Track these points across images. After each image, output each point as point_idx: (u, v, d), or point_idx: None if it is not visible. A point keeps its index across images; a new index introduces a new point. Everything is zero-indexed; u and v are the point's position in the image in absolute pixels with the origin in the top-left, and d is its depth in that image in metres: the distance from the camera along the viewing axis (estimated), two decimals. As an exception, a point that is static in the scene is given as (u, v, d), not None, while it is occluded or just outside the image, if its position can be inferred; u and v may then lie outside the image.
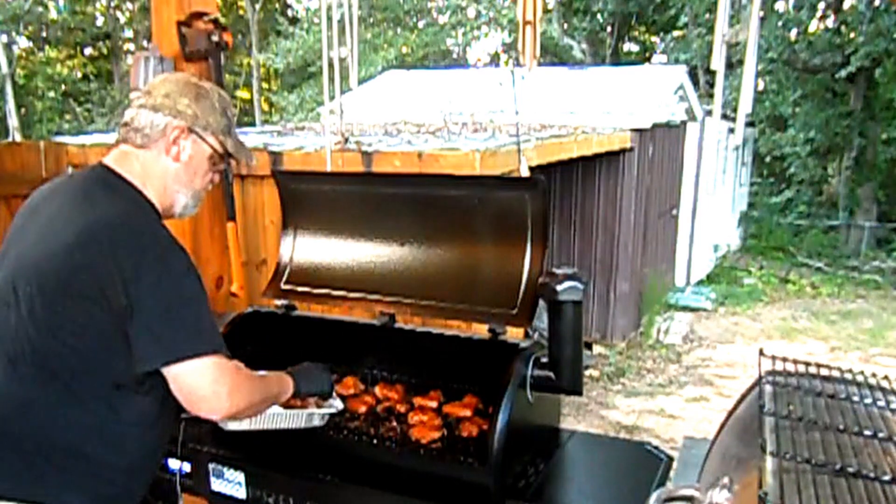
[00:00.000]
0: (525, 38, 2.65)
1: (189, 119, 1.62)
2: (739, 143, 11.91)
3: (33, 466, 1.48)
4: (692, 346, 7.70)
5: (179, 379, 1.47)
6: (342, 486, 1.95)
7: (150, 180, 1.61)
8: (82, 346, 1.46)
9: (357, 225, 2.39)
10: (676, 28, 16.56)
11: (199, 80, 1.71)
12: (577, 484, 2.13)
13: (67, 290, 1.45)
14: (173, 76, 1.71)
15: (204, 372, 1.47)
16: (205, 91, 1.66)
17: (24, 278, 1.48)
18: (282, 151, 3.61)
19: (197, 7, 2.90)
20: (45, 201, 1.61)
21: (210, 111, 1.65)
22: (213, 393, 1.48)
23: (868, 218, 13.79)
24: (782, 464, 1.23)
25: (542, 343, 2.03)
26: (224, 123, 1.68)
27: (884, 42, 12.15)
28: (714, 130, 9.74)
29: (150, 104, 1.61)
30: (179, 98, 1.61)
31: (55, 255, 1.46)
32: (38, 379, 1.47)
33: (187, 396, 1.49)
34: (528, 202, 2.03)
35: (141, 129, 1.60)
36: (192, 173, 1.66)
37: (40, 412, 1.47)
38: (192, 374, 1.46)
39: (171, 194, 1.64)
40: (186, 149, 1.63)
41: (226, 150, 1.69)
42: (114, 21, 20.36)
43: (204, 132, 1.64)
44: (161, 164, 1.62)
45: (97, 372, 1.48)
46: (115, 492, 1.56)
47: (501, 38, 19.73)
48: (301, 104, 16.61)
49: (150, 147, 1.61)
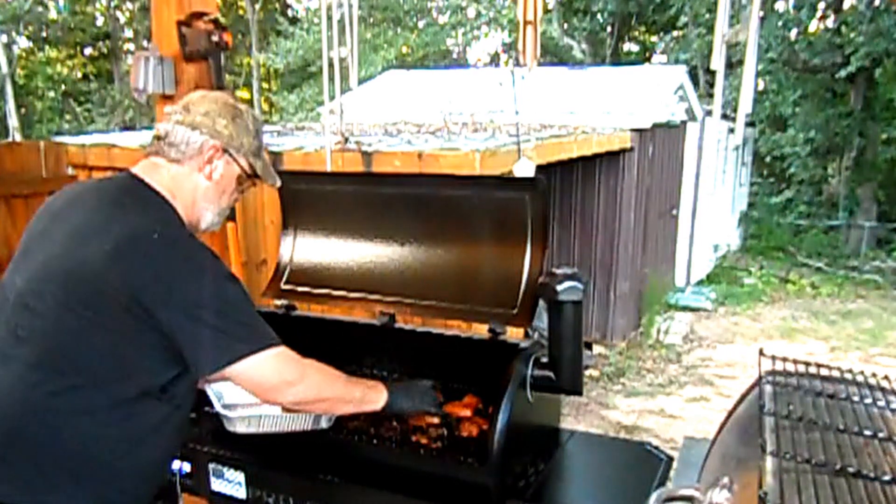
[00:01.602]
0: (526, 38, 2.65)
1: (225, 139, 1.64)
2: (739, 143, 11.92)
3: (46, 474, 1.46)
4: (692, 346, 7.70)
5: (245, 375, 1.52)
6: (342, 486, 1.95)
7: (180, 194, 1.61)
8: (117, 353, 1.46)
9: (357, 225, 2.39)
10: (676, 28, 16.56)
11: (236, 100, 1.73)
12: (577, 484, 2.13)
13: (101, 300, 1.44)
14: (212, 94, 1.73)
15: (266, 365, 1.52)
16: (241, 113, 1.69)
17: (54, 284, 1.47)
18: (282, 151, 3.61)
19: (197, 7, 2.90)
20: (70, 207, 1.59)
21: (245, 133, 1.67)
22: (282, 381, 1.56)
23: (868, 218, 13.79)
24: (782, 464, 1.23)
25: (542, 343, 2.03)
26: (256, 146, 1.71)
27: (884, 42, 12.15)
28: (714, 130, 9.75)
29: (189, 122, 1.62)
30: (218, 118, 1.64)
31: (89, 263, 1.45)
32: (61, 386, 1.45)
33: (257, 389, 1.56)
34: (528, 202, 2.03)
35: (177, 144, 1.61)
36: (221, 192, 1.68)
37: (60, 420, 1.46)
38: (256, 369, 1.51)
39: (199, 210, 1.65)
40: (219, 168, 1.65)
41: (254, 172, 1.71)
42: (114, 21, 20.37)
43: (237, 153, 1.66)
44: (192, 181, 1.63)
45: (127, 380, 1.48)
46: (125, 500, 1.56)
47: (501, 38, 19.75)
48: (301, 104, 16.62)
49: (184, 163, 1.62)
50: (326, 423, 1.90)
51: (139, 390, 1.50)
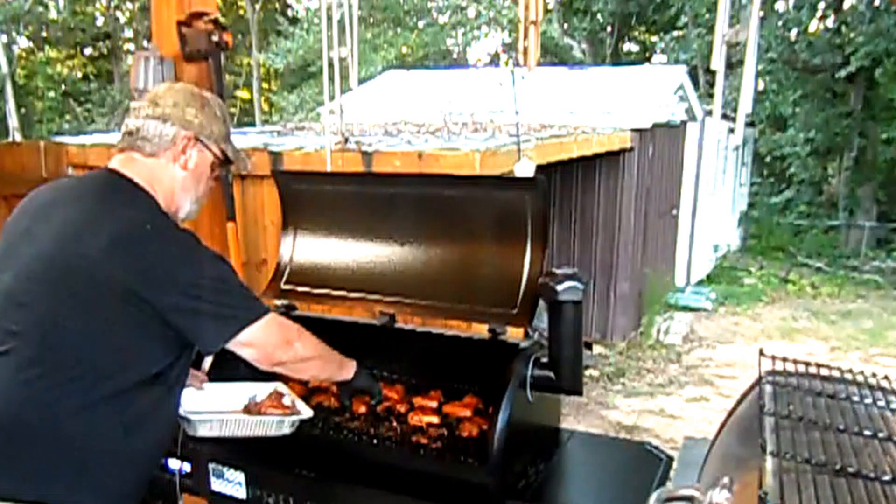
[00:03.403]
0: (529, 38, 2.65)
1: (196, 128, 1.69)
2: (739, 143, 11.91)
3: (46, 467, 1.47)
4: (692, 346, 7.70)
5: (250, 342, 1.60)
6: (342, 486, 1.95)
7: (159, 186, 1.65)
8: (115, 345, 1.50)
9: (357, 225, 2.39)
10: (676, 28, 16.54)
11: (198, 88, 1.78)
12: (577, 484, 2.13)
13: (99, 293, 1.48)
14: (176, 85, 1.80)
15: (267, 328, 1.62)
16: (207, 101, 1.74)
17: (48, 280, 1.49)
18: (282, 151, 3.61)
19: (197, 7, 2.90)
20: (52, 205, 1.61)
21: (214, 120, 1.73)
22: (283, 339, 1.67)
23: (868, 218, 13.79)
24: (782, 464, 1.23)
25: (542, 343, 2.03)
26: (224, 131, 1.76)
27: (884, 42, 12.15)
28: (714, 130, 9.74)
29: (160, 115, 1.66)
30: (187, 108, 1.68)
31: (85, 258, 1.48)
32: (59, 379, 1.47)
33: (262, 351, 1.63)
34: (528, 202, 2.03)
35: (150, 138, 1.65)
36: (197, 180, 1.72)
37: (58, 413, 1.47)
38: (259, 333, 1.60)
39: (178, 200, 1.70)
40: (193, 157, 1.69)
41: (226, 157, 1.76)
42: (114, 21, 20.37)
43: (209, 140, 1.71)
44: (169, 172, 1.67)
45: (125, 370, 1.51)
46: (124, 489, 1.58)
47: (501, 38, 19.75)
48: (301, 104, 16.61)
49: (160, 156, 1.66)
50: (289, 428, 1.90)
51: (136, 379, 1.53)
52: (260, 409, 1.94)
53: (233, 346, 1.60)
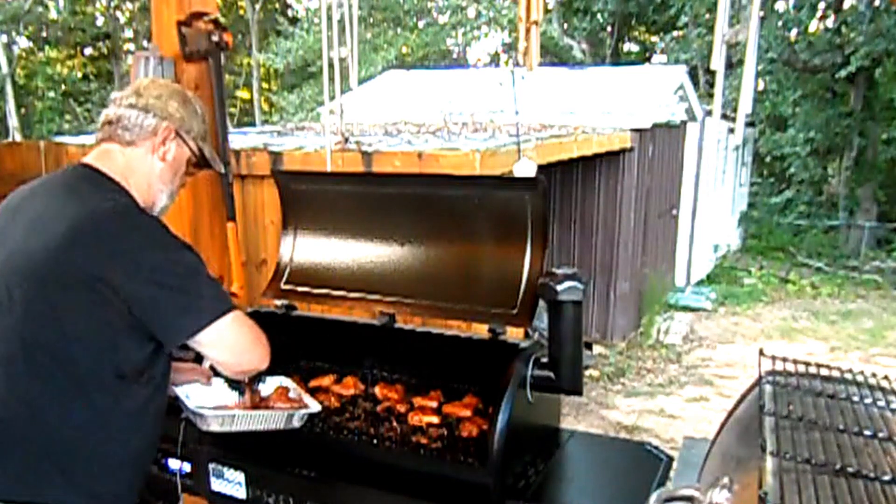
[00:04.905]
0: (529, 38, 2.65)
1: (177, 122, 1.70)
2: (739, 143, 11.92)
3: (36, 468, 1.47)
4: (692, 346, 7.70)
5: (219, 339, 1.54)
6: (342, 486, 1.95)
7: (134, 177, 1.65)
8: (87, 337, 1.47)
9: (357, 225, 2.39)
10: (676, 28, 16.54)
11: (181, 87, 1.81)
12: (577, 484, 2.13)
13: (65, 283, 1.46)
14: (160, 81, 1.82)
15: (236, 325, 1.56)
16: (189, 98, 1.77)
17: (18, 277, 1.48)
18: (282, 151, 3.61)
19: (197, 7, 2.89)
20: (27, 201, 1.61)
21: (194, 117, 1.74)
22: (255, 339, 1.60)
23: (868, 218, 13.79)
24: (782, 464, 1.23)
25: (542, 343, 2.03)
26: (203, 130, 1.79)
27: (884, 42, 12.14)
28: (714, 130, 9.75)
29: (142, 105, 1.67)
30: (170, 101, 1.70)
31: (48, 250, 1.46)
32: (39, 377, 1.47)
33: (232, 351, 1.58)
34: (528, 202, 2.03)
35: (130, 127, 1.65)
36: (173, 173, 1.73)
37: (44, 410, 1.47)
38: (228, 330, 1.54)
39: (154, 192, 1.70)
40: (171, 150, 1.70)
41: (202, 155, 1.77)
42: (114, 21, 20.36)
43: (187, 136, 1.72)
44: (147, 163, 1.67)
45: (102, 362, 1.49)
46: (116, 489, 1.57)
47: (501, 39, 19.73)
48: (301, 104, 16.61)
49: (138, 145, 1.66)
50: (299, 421, 1.90)
51: (116, 373, 1.51)
52: (268, 404, 1.92)
53: (198, 346, 1.55)
